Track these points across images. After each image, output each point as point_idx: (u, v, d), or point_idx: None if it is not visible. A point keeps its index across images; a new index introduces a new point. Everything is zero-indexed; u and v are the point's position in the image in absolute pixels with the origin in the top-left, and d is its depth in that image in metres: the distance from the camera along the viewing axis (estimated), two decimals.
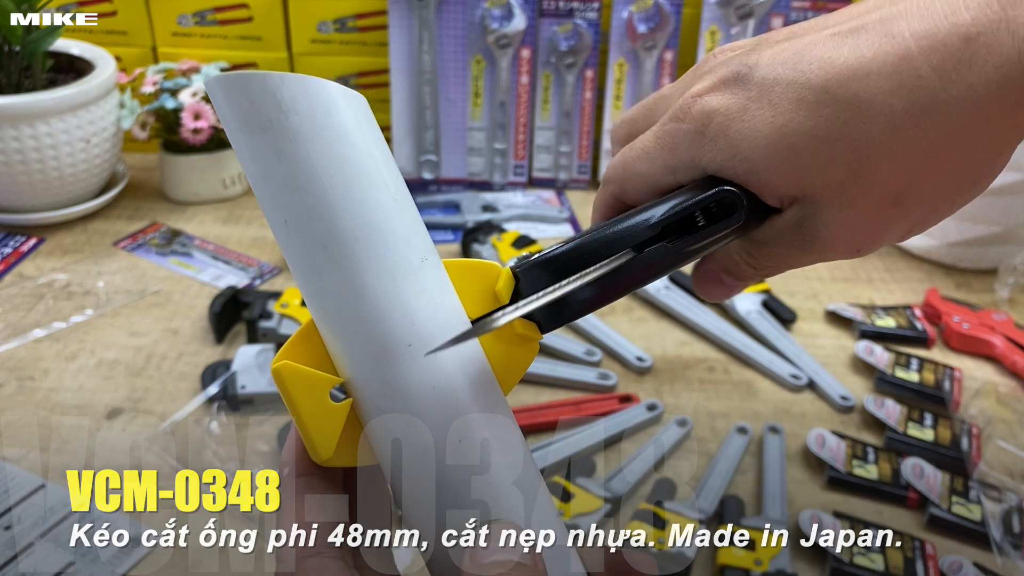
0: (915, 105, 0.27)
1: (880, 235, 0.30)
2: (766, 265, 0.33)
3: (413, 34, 1.04)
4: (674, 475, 0.69)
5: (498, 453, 0.28)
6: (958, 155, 0.28)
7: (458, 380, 0.28)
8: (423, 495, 0.27)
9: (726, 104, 0.30)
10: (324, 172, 0.27)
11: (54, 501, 0.63)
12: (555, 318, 0.30)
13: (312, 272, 0.27)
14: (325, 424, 0.27)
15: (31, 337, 0.80)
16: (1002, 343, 0.83)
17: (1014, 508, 0.65)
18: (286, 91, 0.26)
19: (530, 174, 1.13)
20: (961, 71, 0.26)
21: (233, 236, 0.98)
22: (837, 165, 0.28)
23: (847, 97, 0.28)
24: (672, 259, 0.30)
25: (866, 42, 0.28)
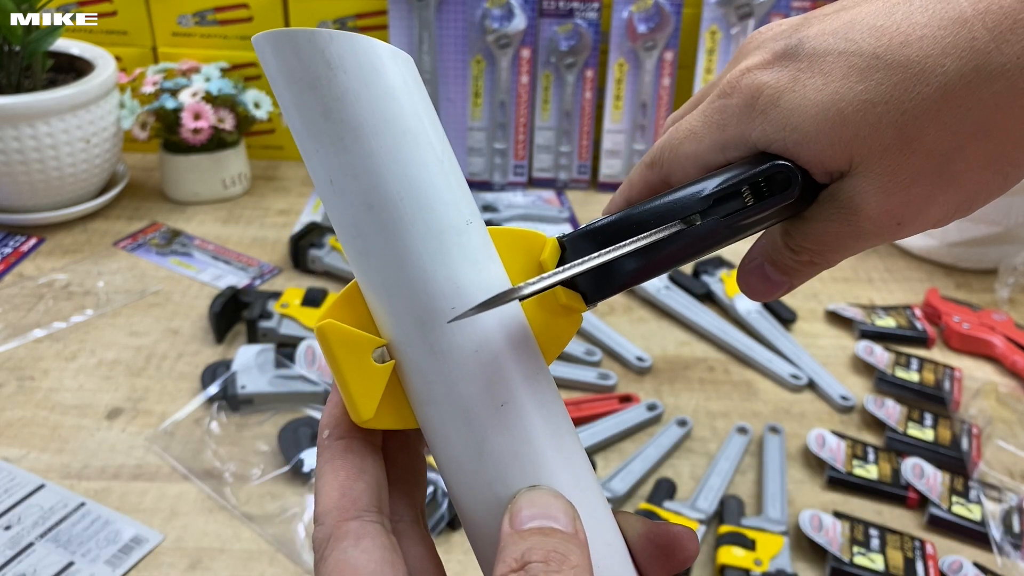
0: (967, 66, 0.27)
1: (924, 207, 0.29)
2: (807, 247, 0.32)
3: (413, 34, 1.04)
4: (674, 475, 0.69)
5: (540, 419, 0.27)
6: (1009, 120, 0.27)
7: (501, 345, 0.27)
8: (464, 459, 0.27)
9: (776, 77, 0.30)
10: (371, 131, 0.26)
11: (54, 501, 0.63)
12: (601, 288, 0.30)
13: (357, 232, 0.27)
14: (367, 384, 0.27)
15: (31, 337, 0.80)
16: (1002, 343, 0.83)
17: (1014, 508, 0.65)
18: (334, 48, 0.26)
19: (530, 174, 1.13)
20: (1017, 30, 0.26)
21: (233, 236, 0.98)
22: (885, 128, 0.28)
23: (899, 60, 0.28)
24: (723, 233, 0.30)
25: (919, 8, 0.28)
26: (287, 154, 1.16)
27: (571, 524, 0.26)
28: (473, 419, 0.27)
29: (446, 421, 0.27)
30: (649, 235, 0.29)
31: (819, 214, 0.31)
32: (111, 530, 0.61)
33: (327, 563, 0.27)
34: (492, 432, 0.27)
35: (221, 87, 1.00)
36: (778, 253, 0.33)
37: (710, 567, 0.61)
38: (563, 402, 0.29)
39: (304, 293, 0.82)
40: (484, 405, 0.27)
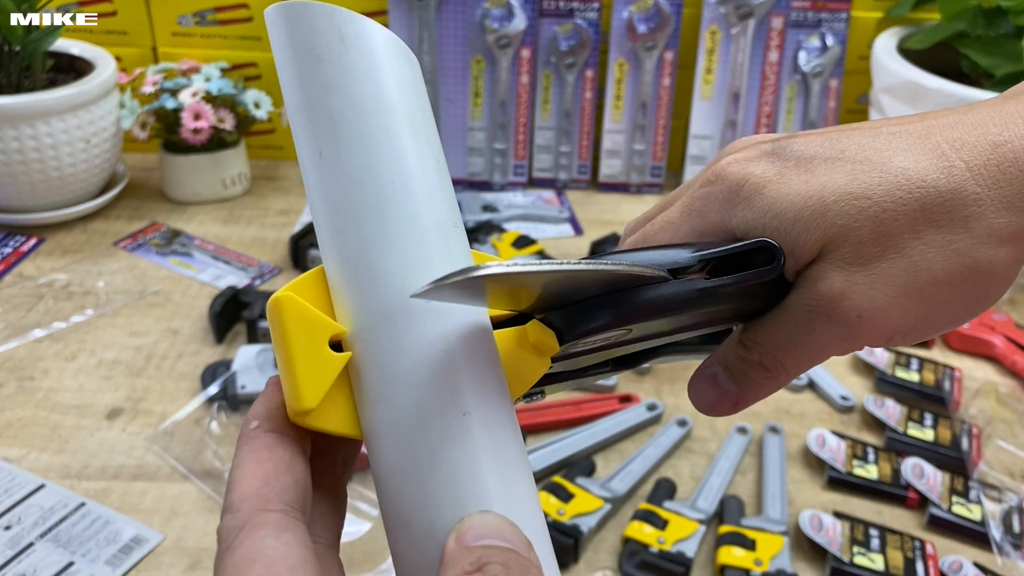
0: (946, 185, 0.28)
1: (886, 308, 0.29)
2: (758, 342, 0.31)
3: (413, 34, 1.04)
4: (674, 475, 0.69)
5: (503, 441, 0.26)
6: (979, 250, 0.28)
7: (472, 352, 0.26)
8: (412, 469, 0.25)
9: (763, 169, 0.31)
10: (372, 110, 0.26)
11: (54, 501, 0.63)
12: (574, 325, 0.29)
13: (338, 207, 0.26)
14: (317, 370, 0.25)
15: (31, 337, 0.80)
16: (1002, 343, 0.83)
17: (1014, 508, 0.65)
18: (351, 28, 0.27)
19: (530, 174, 1.13)
20: (990, 168, 0.28)
21: (233, 236, 0.98)
22: (863, 222, 0.29)
23: (885, 165, 0.29)
24: (703, 295, 0.29)
25: (900, 133, 0.30)
26: (287, 154, 1.16)
27: (527, 551, 0.23)
28: (431, 424, 0.25)
29: (400, 423, 0.25)
30: (632, 267, 0.28)
31: (779, 308, 0.31)
32: (111, 530, 0.61)
33: (237, 551, 0.23)
34: (450, 442, 0.24)
35: (221, 87, 1.00)
36: (731, 353, 0.33)
37: (710, 567, 0.61)
38: (524, 445, 0.27)
39: None
40: (446, 411, 0.25)
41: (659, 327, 0.31)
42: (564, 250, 0.98)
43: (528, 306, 0.29)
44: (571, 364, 0.32)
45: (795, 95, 1.10)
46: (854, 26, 1.08)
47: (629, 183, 1.13)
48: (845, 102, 1.12)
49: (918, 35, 1.00)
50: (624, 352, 0.33)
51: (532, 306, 0.29)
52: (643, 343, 0.33)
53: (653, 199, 1.12)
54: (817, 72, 1.08)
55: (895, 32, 1.05)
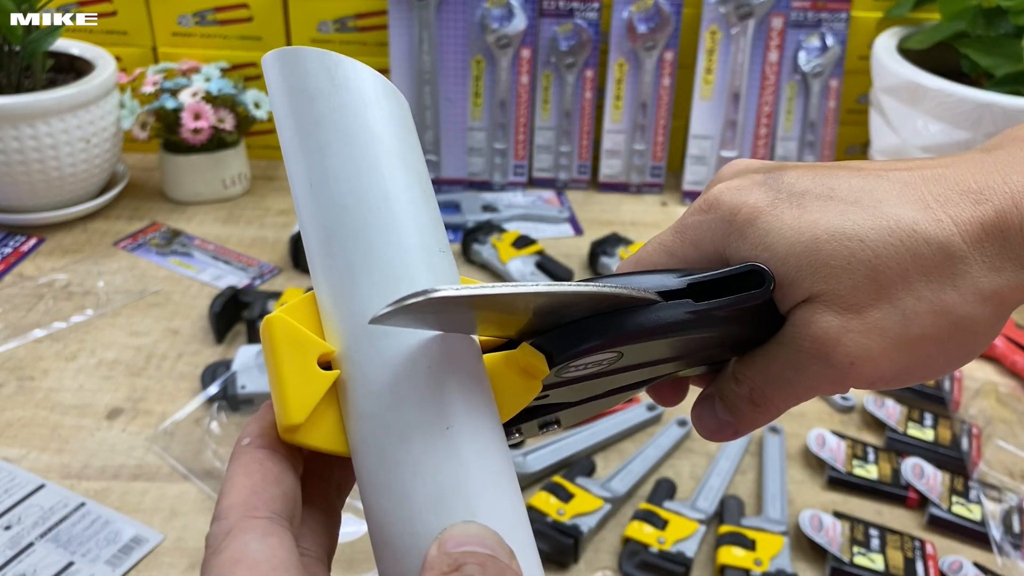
0: (935, 237, 0.29)
1: (875, 356, 0.29)
2: (748, 376, 0.32)
3: (413, 34, 1.04)
4: (674, 475, 0.69)
5: (487, 454, 0.26)
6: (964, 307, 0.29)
7: (457, 369, 0.27)
8: (396, 480, 0.25)
9: (756, 198, 0.31)
10: (360, 143, 0.28)
11: (54, 501, 0.63)
12: (564, 347, 0.29)
13: (328, 233, 0.27)
14: (305, 387, 0.26)
15: (31, 337, 0.80)
16: (1002, 343, 0.83)
17: (1014, 508, 0.65)
18: (340, 70, 0.29)
19: (530, 174, 1.13)
20: (974, 226, 0.29)
21: (233, 236, 0.98)
22: (857, 265, 0.29)
23: (877, 208, 0.30)
24: (692, 318, 0.29)
25: (891, 186, 0.30)
26: None
27: (508, 559, 0.24)
28: (414, 437, 0.25)
29: (384, 438, 0.26)
30: (618, 288, 0.28)
31: (769, 343, 0.31)
32: (111, 530, 0.61)
33: (222, 555, 0.24)
34: (433, 454, 0.25)
35: (221, 87, 1.00)
36: (724, 384, 0.33)
37: (710, 567, 0.61)
38: (511, 458, 0.27)
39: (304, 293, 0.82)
40: (429, 424, 0.25)
41: (652, 353, 0.31)
42: (564, 250, 0.98)
43: (519, 331, 0.29)
44: (574, 393, 0.32)
45: (795, 95, 1.10)
46: (854, 26, 1.08)
47: (629, 183, 1.13)
48: (845, 102, 1.12)
49: (918, 35, 1.00)
50: (624, 383, 0.33)
51: (523, 331, 0.29)
52: (639, 372, 0.32)
53: (653, 199, 1.12)
54: (817, 72, 1.08)
55: (895, 32, 1.05)
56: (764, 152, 1.11)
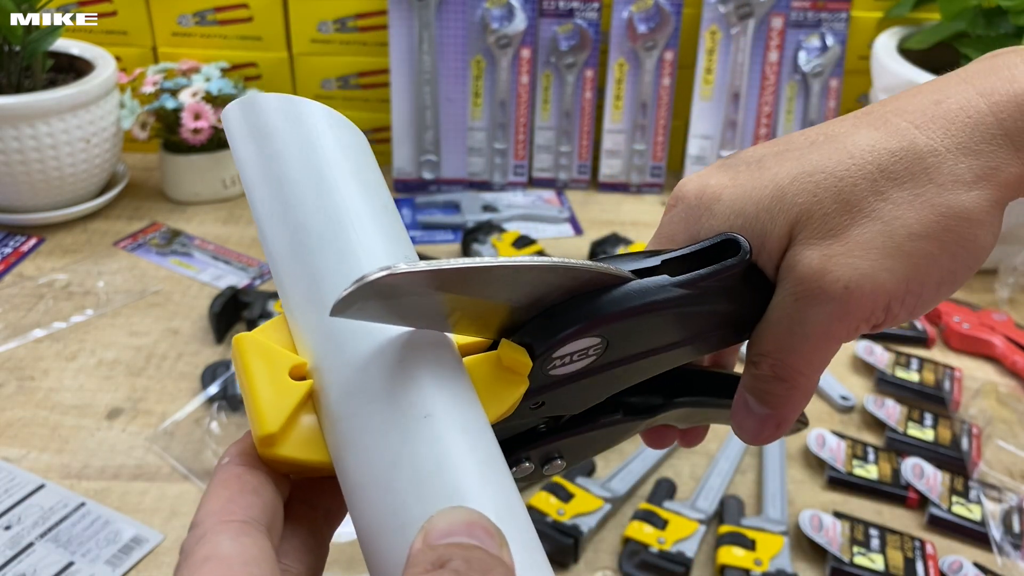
0: (896, 144, 0.29)
1: (872, 274, 0.28)
2: (764, 353, 0.31)
3: (413, 34, 1.04)
4: (674, 475, 0.69)
5: (468, 439, 0.25)
6: (943, 195, 0.28)
7: (428, 361, 0.26)
8: (377, 474, 0.24)
9: (717, 180, 0.31)
10: (314, 169, 0.29)
11: (54, 501, 0.63)
12: (544, 334, 0.28)
13: (291, 253, 0.28)
14: (277, 398, 0.25)
15: (31, 337, 0.80)
16: (1002, 343, 0.83)
17: (1014, 508, 0.65)
18: (292, 107, 0.31)
19: (530, 174, 1.13)
20: (937, 120, 0.29)
21: (233, 236, 0.98)
22: (824, 194, 0.29)
23: (829, 142, 0.30)
24: (671, 293, 0.29)
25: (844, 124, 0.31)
26: None
27: (497, 547, 0.22)
28: (391, 431, 0.24)
29: (361, 436, 0.25)
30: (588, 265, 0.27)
31: (767, 310, 0.30)
32: (111, 530, 0.61)
33: (193, 556, 0.23)
34: (412, 444, 0.24)
35: (221, 87, 1.00)
36: (747, 375, 0.32)
37: (710, 567, 0.61)
38: (499, 446, 0.26)
39: None
40: (405, 416, 0.25)
41: (640, 341, 0.30)
42: (564, 250, 0.98)
43: (498, 330, 0.29)
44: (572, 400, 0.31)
45: (795, 95, 1.10)
46: (854, 26, 1.08)
47: (629, 183, 1.13)
48: (845, 102, 1.12)
49: (918, 35, 1.00)
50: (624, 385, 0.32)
51: (502, 329, 0.29)
52: (637, 370, 0.31)
53: (653, 199, 1.12)
54: (817, 72, 1.08)
55: (895, 32, 1.05)
56: None
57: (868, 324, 0.29)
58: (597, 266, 0.28)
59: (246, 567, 0.22)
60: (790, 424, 0.32)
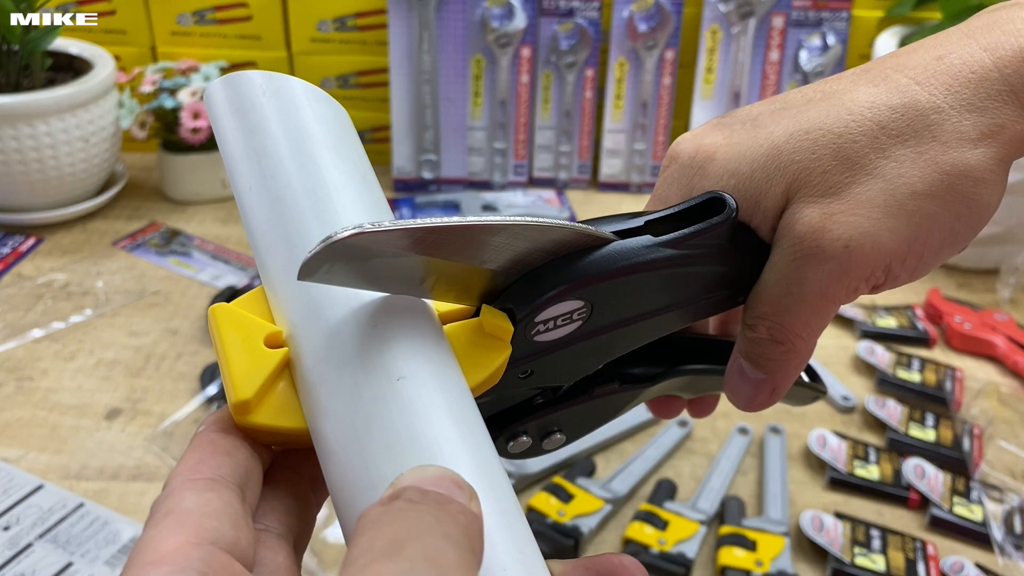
0: (896, 100, 0.28)
1: (873, 232, 0.27)
2: (760, 315, 0.30)
3: (413, 33, 1.04)
4: (675, 475, 0.68)
5: (444, 401, 0.24)
6: (947, 152, 0.27)
7: (403, 324, 0.26)
8: (351, 437, 0.24)
9: (711, 139, 0.31)
10: (292, 141, 0.29)
11: (53, 501, 0.63)
12: (525, 298, 0.27)
13: (268, 226, 0.28)
14: (252, 365, 0.25)
15: (30, 337, 0.80)
16: (1004, 343, 0.83)
17: (1016, 508, 0.65)
18: (271, 83, 0.31)
19: (530, 174, 1.13)
20: (939, 76, 0.28)
21: (232, 236, 0.98)
22: (822, 151, 0.28)
23: (828, 99, 0.29)
24: (655, 254, 0.28)
25: (842, 81, 0.30)
26: None
27: (465, 499, 0.21)
28: (363, 392, 0.24)
29: (335, 398, 0.24)
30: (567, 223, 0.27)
31: (764, 271, 0.30)
32: (110, 531, 0.61)
33: (155, 514, 0.22)
34: (384, 405, 0.24)
35: None
36: (743, 339, 0.31)
37: (711, 568, 0.61)
38: (478, 410, 0.26)
39: None
40: (378, 378, 0.24)
41: (627, 306, 0.29)
42: None
43: (479, 296, 0.28)
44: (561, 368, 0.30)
45: None
46: (855, 25, 1.08)
47: (629, 183, 1.12)
48: None
49: (919, 34, 1.00)
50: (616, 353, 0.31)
51: (483, 294, 0.28)
52: (626, 336, 0.30)
53: None
54: (818, 71, 1.08)
55: (896, 31, 1.04)
56: None
57: (868, 285, 0.29)
58: (576, 226, 0.27)
59: (206, 519, 0.22)
60: (785, 389, 0.32)
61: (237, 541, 0.22)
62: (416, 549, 0.19)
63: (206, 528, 0.22)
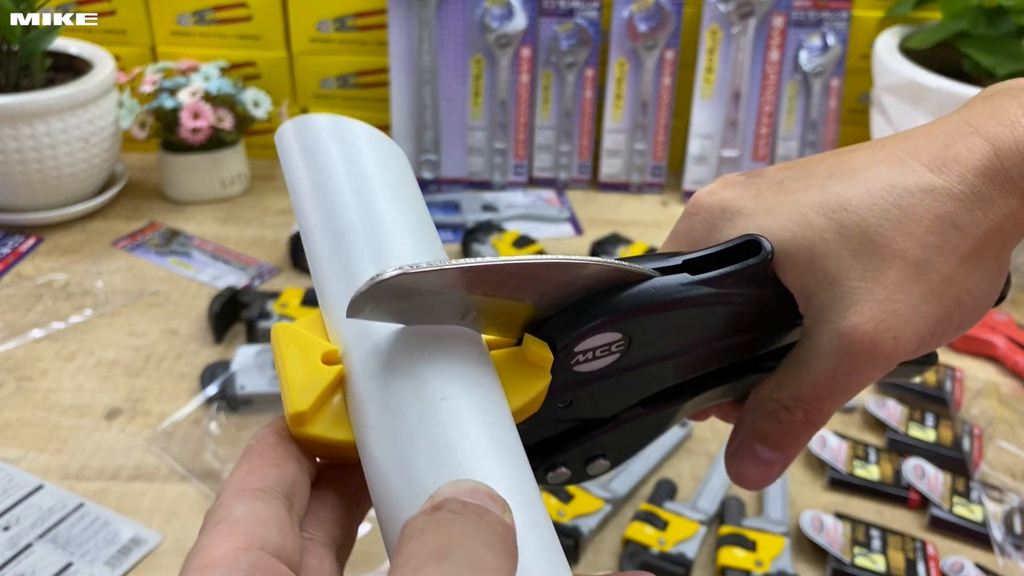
0: (915, 187, 0.29)
1: (911, 318, 0.29)
2: (802, 398, 0.31)
3: (413, 33, 1.04)
4: (675, 476, 0.68)
5: (484, 422, 0.26)
6: (963, 234, 0.29)
7: (450, 349, 0.27)
8: (395, 453, 0.25)
9: (740, 193, 0.32)
10: (354, 179, 0.31)
11: (53, 501, 0.63)
12: (565, 327, 0.28)
13: (330, 254, 0.30)
14: (309, 380, 0.27)
15: (30, 337, 0.80)
16: (1003, 343, 0.83)
17: (1015, 509, 0.65)
18: (336, 126, 0.33)
19: (530, 174, 1.13)
20: (950, 165, 0.29)
21: (232, 236, 0.98)
22: (849, 231, 0.29)
23: (852, 174, 0.30)
24: (693, 291, 0.29)
25: (860, 154, 0.31)
26: None
27: (499, 511, 0.22)
28: (408, 410, 0.26)
29: (381, 414, 0.26)
30: (610, 261, 0.28)
31: (807, 351, 0.30)
32: (110, 531, 0.61)
33: (208, 523, 0.24)
34: (427, 423, 0.25)
35: (220, 86, 0.99)
36: (766, 422, 0.32)
37: (711, 568, 0.61)
38: (517, 432, 0.27)
39: (303, 293, 0.82)
40: (422, 398, 0.26)
41: (662, 340, 0.30)
42: (564, 250, 0.98)
43: (521, 328, 0.29)
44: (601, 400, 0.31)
45: (796, 94, 1.09)
46: (855, 25, 1.08)
47: (630, 183, 1.12)
48: (846, 101, 1.12)
49: (919, 34, 1.00)
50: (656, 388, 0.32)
51: (525, 327, 0.29)
52: (661, 370, 0.31)
53: (654, 199, 1.12)
54: (818, 71, 1.08)
55: (896, 31, 1.04)
56: (765, 151, 1.11)
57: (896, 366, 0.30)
58: (619, 264, 0.28)
59: (254, 527, 0.23)
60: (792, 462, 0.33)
61: (284, 547, 0.24)
62: (460, 555, 0.20)
63: (255, 535, 0.23)
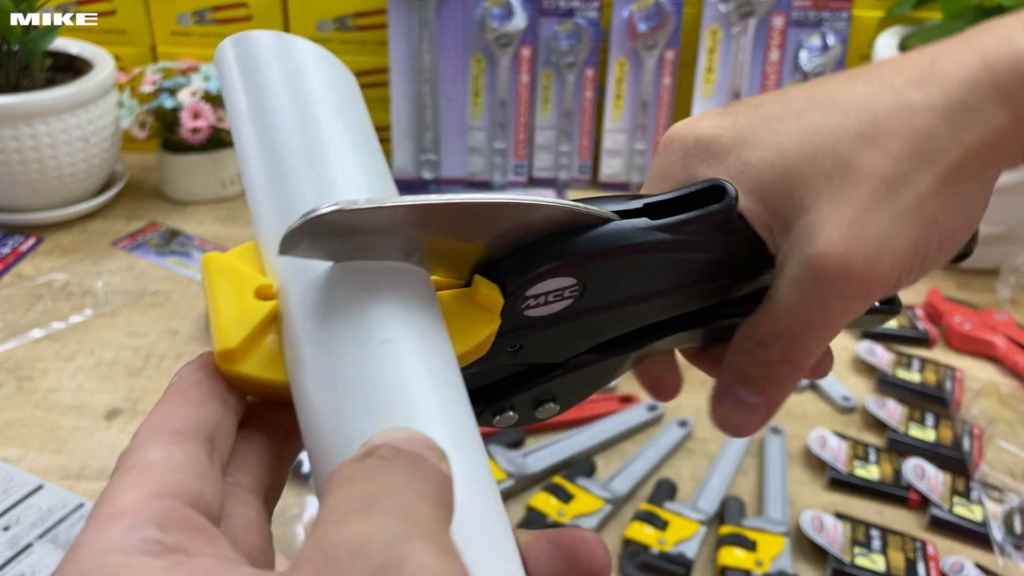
0: (891, 102, 0.28)
1: (885, 241, 0.27)
2: (776, 334, 0.29)
3: (413, 33, 1.04)
4: (675, 476, 0.68)
5: (427, 368, 0.24)
6: (943, 150, 0.28)
7: (394, 290, 0.26)
8: (330, 395, 0.24)
9: (715, 122, 0.31)
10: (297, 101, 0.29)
11: (53, 501, 0.63)
12: (516, 271, 0.27)
13: (268, 181, 0.28)
14: (239, 315, 0.25)
15: (30, 337, 0.80)
16: (1004, 343, 0.83)
17: (1016, 509, 0.65)
18: (280, 44, 0.31)
19: (530, 173, 1.13)
20: (935, 77, 0.28)
21: (232, 236, 0.98)
22: (823, 155, 0.28)
23: (829, 99, 0.29)
24: (651, 236, 0.28)
25: (840, 80, 0.30)
26: None
27: (436, 458, 0.21)
28: (347, 352, 0.24)
29: (317, 355, 0.24)
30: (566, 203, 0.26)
31: (778, 288, 0.29)
32: None
33: (119, 468, 0.22)
34: (366, 365, 0.24)
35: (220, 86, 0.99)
36: (746, 362, 0.31)
37: (711, 568, 0.61)
38: (462, 379, 0.26)
39: None
40: (363, 339, 0.24)
41: (617, 286, 0.29)
42: None
43: (470, 269, 0.28)
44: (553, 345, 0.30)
45: None
46: (855, 25, 1.08)
47: (630, 183, 1.12)
48: None
49: (919, 34, 1.00)
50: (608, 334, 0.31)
51: (475, 268, 0.28)
52: (620, 318, 0.30)
53: None
54: (818, 71, 1.08)
55: (896, 31, 1.04)
56: None
57: (879, 299, 0.29)
58: (575, 205, 0.27)
59: (168, 473, 0.22)
60: (778, 409, 0.32)
61: (201, 494, 0.22)
62: (389, 504, 0.19)
63: (168, 481, 0.21)
